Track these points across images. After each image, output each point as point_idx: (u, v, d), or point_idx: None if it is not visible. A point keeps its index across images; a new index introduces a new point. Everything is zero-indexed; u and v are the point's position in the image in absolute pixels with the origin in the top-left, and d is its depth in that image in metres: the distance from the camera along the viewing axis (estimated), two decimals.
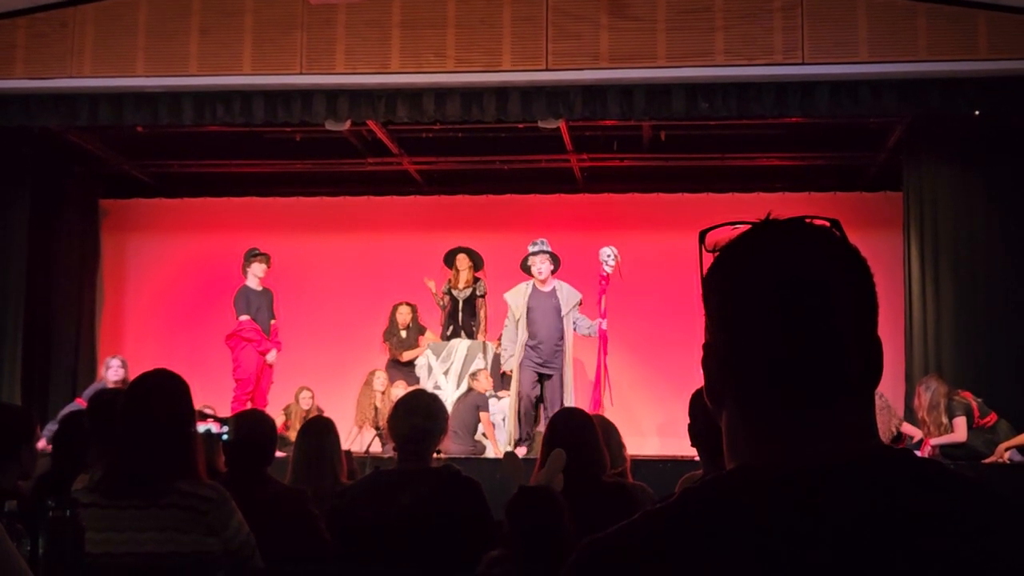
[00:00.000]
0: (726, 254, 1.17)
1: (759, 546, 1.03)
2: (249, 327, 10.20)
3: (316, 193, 12.30)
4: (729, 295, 1.16)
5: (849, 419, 1.12)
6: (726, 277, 1.17)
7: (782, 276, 1.13)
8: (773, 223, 1.17)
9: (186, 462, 3.29)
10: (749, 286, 1.14)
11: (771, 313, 1.12)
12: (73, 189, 11.77)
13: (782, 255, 1.14)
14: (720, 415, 1.19)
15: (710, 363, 1.18)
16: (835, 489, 1.06)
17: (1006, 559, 1.03)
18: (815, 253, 1.14)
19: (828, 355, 1.11)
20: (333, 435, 4.90)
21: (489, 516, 3.86)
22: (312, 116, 8.95)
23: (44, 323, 11.14)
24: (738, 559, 1.03)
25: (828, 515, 1.04)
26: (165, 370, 3.47)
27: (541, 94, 8.67)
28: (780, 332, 1.12)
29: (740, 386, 1.15)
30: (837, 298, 1.12)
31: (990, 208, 9.73)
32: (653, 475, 6.34)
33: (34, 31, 8.95)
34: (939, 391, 8.60)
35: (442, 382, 10.25)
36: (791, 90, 8.48)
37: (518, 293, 9.62)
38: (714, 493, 1.10)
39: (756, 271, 1.14)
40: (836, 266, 1.13)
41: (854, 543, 1.03)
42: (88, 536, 2.94)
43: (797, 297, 1.11)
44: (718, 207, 11.54)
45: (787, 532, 1.03)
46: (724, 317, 1.16)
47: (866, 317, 1.14)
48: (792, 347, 1.11)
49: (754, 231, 1.17)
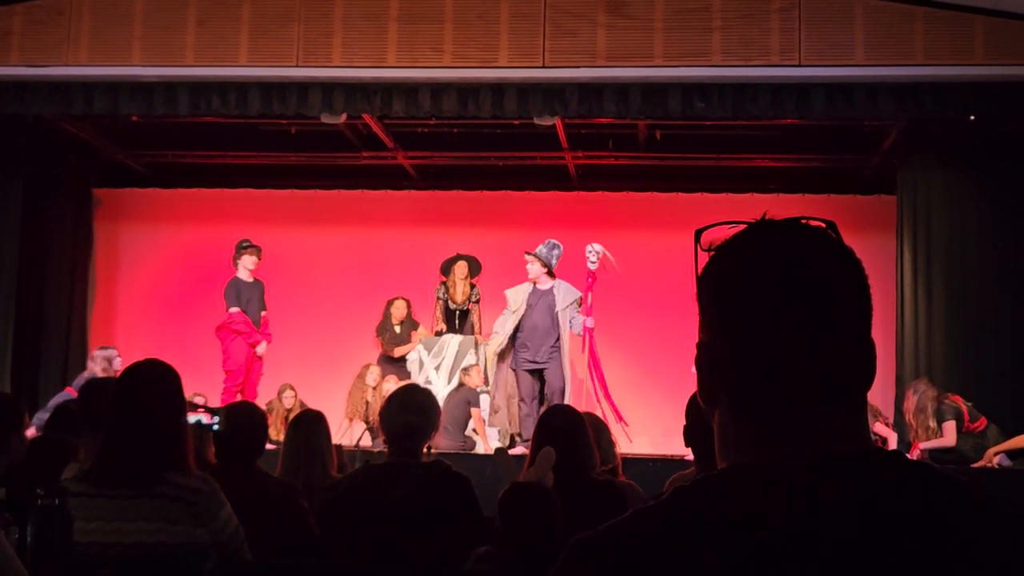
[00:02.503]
0: (723, 252, 1.16)
1: (749, 546, 1.03)
2: (239, 319, 10.16)
3: (310, 186, 12.28)
4: (725, 293, 1.15)
5: (843, 420, 1.12)
6: (722, 275, 1.16)
7: (780, 275, 1.12)
8: (770, 223, 1.16)
9: (176, 453, 3.29)
10: (746, 285, 1.13)
11: (769, 312, 1.12)
12: (67, 178, 11.74)
13: (780, 254, 1.13)
14: (712, 415, 1.18)
15: (704, 362, 1.18)
16: (827, 489, 1.06)
17: (996, 560, 1.03)
18: (813, 253, 1.13)
19: (825, 355, 1.11)
20: (324, 428, 4.90)
21: (479, 512, 3.87)
22: (308, 109, 8.94)
23: (35, 311, 11.12)
24: (728, 559, 1.03)
25: (819, 515, 1.04)
26: (156, 360, 3.47)
27: (537, 91, 8.67)
28: (778, 331, 1.11)
29: (735, 385, 1.15)
30: (835, 299, 1.12)
31: (984, 213, 9.75)
32: (643, 474, 6.35)
33: (31, 18, 8.93)
34: (927, 395, 8.62)
35: (433, 377, 10.25)
36: (787, 91, 8.49)
37: (520, 291, 9.63)
38: (705, 492, 1.10)
39: (754, 270, 1.14)
40: (833, 267, 1.13)
41: (845, 543, 1.03)
42: (77, 525, 2.93)
43: (795, 296, 1.11)
44: (712, 207, 11.55)
45: (778, 532, 1.03)
46: (720, 315, 1.16)
47: (861, 319, 1.14)
48: (789, 346, 1.11)
49: (751, 230, 1.16)
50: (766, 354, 1.12)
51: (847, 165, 11.42)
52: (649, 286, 11.37)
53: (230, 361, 10.17)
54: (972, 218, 9.77)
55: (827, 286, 1.12)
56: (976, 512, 1.06)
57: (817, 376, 1.11)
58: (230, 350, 10.19)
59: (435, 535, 3.72)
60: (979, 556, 1.03)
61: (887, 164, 10.69)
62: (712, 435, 1.18)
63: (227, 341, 10.21)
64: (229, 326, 10.19)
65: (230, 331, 10.19)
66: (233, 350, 10.18)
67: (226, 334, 10.22)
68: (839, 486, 1.06)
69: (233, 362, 10.16)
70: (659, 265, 11.38)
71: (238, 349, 10.18)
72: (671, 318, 10.82)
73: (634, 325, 11.34)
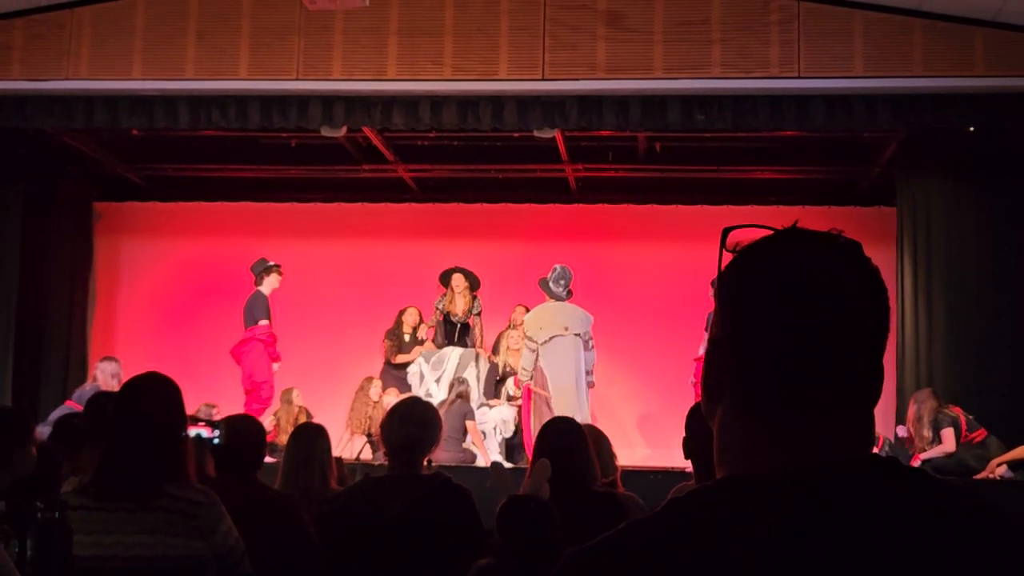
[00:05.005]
0: (748, 252, 1.17)
1: (748, 554, 1.02)
2: (267, 332, 9.99)
3: (311, 199, 12.30)
4: (741, 291, 1.16)
5: (847, 429, 1.12)
6: (741, 275, 1.16)
7: (800, 278, 1.12)
8: (798, 231, 1.17)
9: (176, 466, 3.28)
10: (762, 285, 1.14)
11: (784, 311, 1.12)
12: (67, 191, 11.75)
13: (803, 259, 1.14)
14: (714, 415, 1.17)
15: (714, 357, 1.18)
16: (824, 497, 1.05)
17: (993, 567, 1.03)
18: (836, 263, 1.14)
19: (834, 362, 1.11)
20: (324, 440, 4.89)
21: (479, 524, 3.86)
22: (308, 122, 8.95)
23: (36, 325, 11.12)
24: (727, 567, 1.02)
25: (818, 522, 1.03)
26: (156, 373, 3.47)
27: (537, 104, 8.69)
28: (786, 334, 1.11)
29: (740, 380, 1.14)
30: (851, 310, 1.12)
31: (983, 224, 9.75)
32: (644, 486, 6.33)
33: (31, 32, 8.95)
34: (926, 405, 8.64)
35: (434, 390, 10.24)
36: (786, 103, 8.50)
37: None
38: (702, 501, 1.09)
39: (776, 270, 1.14)
40: (855, 279, 1.13)
41: (846, 550, 1.02)
42: (76, 539, 2.93)
43: (812, 299, 1.11)
44: (712, 219, 11.55)
45: (777, 540, 1.02)
46: (733, 312, 1.16)
47: (876, 337, 1.14)
48: (796, 350, 1.11)
49: (778, 235, 1.17)
50: (772, 354, 1.12)
51: (847, 177, 11.43)
52: (649, 298, 11.38)
53: (256, 375, 9.89)
54: (972, 230, 9.77)
55: (844, 295, 1.12)
56: (973, 520, 1.06)
57: (821, 383, 1.11)
58: (254, 366, 9.94)
59: (435, 547, 3.71)
60: (976, 563, 1.03)
61: (887, 176, 10.70)
62: (712, 447, 1.17)
63: (249, 357, 9.96)
64: (256, 338, 9.95)
65: (257, 343, 9.96)
66: (258, 364, 9.93)
67: (253, 346, 9.96)
68: (837, 494, 1.05)
69: (262, 373, 9.89)
70: (659, 277, 11.40)
71: (261, 364, 9.96)
72: (671, 330, 10.83)
73: (633, 337, 11.33)
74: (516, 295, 10.76)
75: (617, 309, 10.89)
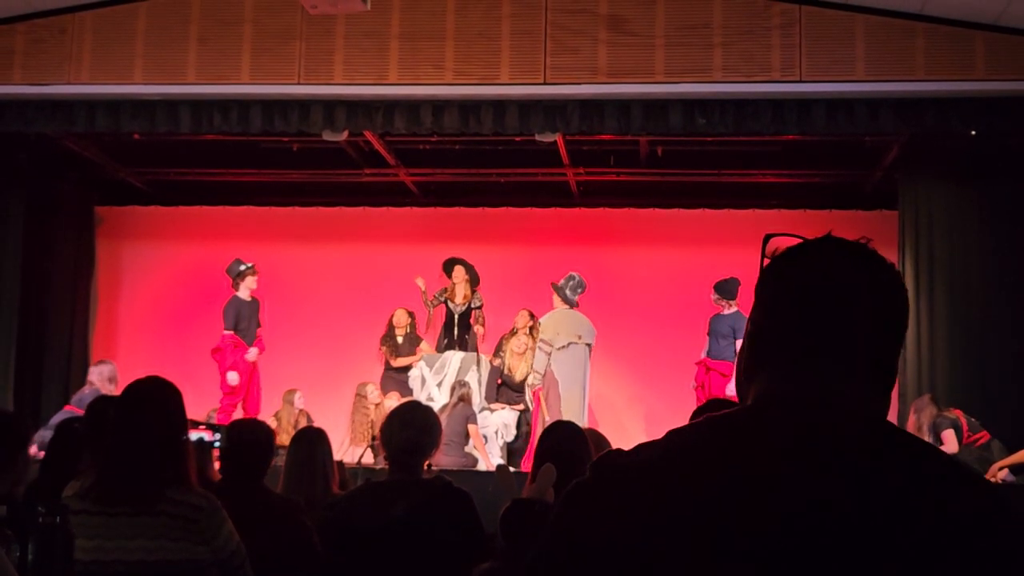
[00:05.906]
0: (782, 257, 1.34)
1: (729, 468, 1.16)
2: (230, 339, 10.31)
3: (312, 203, 12.30)
4: (778, 290, 1.32)
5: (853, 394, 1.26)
6: (774, 273, 1.33)
7: (821, 279, 1.30)
8: (832, 239, 1.34)
9: (177, 470, 3.28)
10: (789, 279, 1.32)
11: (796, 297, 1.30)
12: (69, 195, 11.76)
13: (825, 262, 1.31)
14: (747, 395, 1.32)
15: (748, 342, 1.35)
16: (811, 425, 1.20)
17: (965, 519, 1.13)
18: (857, 270, 1.30)
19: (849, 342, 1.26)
20: (325, 444, 4.90)
21: (481, 528, 3.85)
22: (309, 126, 8.95)
23: (37, 329, 11.12)
24: (710, 480, 1.16)
25: (798, 447, 1.17)
26: (158, 377, 3.46)
27: (538, 108, 8.68)
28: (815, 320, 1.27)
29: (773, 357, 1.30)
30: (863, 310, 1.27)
31: (985, 228, 9.74)
32: None
33: (33, 37, 8.96)
34: (926, 412, 8.63)
35: (435, 394, 10.24)
36: (788, 107, 8.50)
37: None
38: (698, 426, 1.25)
39: (798, 269, 1.32)
40: (868, 284, 1.29)
41: (819, 472, 1.15)
42: (78, 543, 2.92)
43: (826, 296, 1.28)
44: (714, 223, 11.56)
45: (757, 459, 1.17)
46: (771, 307, 1.33)
47: (889, 341, 1.30)
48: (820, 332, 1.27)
49: (813, 242, 1.34)
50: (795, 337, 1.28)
51: (848, 180, 11.42)
52: (650, 302, 11.37)
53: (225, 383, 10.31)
54: (974, 233, 9.77)
55: (857, 298, 1.28)
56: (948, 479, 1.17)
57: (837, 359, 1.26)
58: (228, 369, 10.29)
59: (437, 551, 3.70)
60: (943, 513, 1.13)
61: (888, 179, 10.69)
62: None
63: (224, 362, 10.32)
64: (222, 349, 10.34)
65: (223, 353, 10.32)
66: (231, 368, 10.29)
67: (221, 355, 10.35)
68: (822, 426, 1.20)
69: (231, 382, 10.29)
70: (660, 281, 11.39)
71: (235, 367, 10.28)
72: (673, 334, 10.82)
73: (635, 341, 11.33)
74: (518, 299, 10.76)
75: (619, 313, 10.89)
